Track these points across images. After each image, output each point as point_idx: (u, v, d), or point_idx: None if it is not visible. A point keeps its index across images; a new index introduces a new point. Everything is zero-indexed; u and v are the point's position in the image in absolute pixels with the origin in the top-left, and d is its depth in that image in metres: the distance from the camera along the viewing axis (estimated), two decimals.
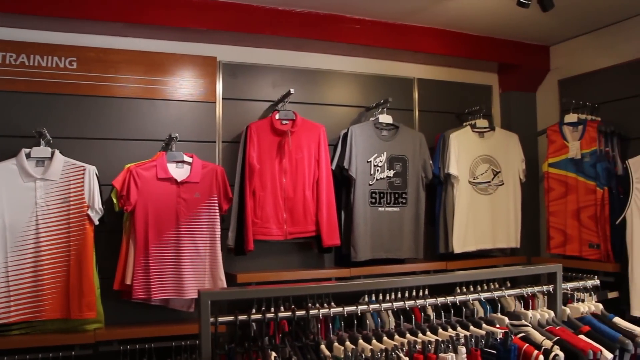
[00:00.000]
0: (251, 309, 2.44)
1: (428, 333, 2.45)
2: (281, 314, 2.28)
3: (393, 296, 3.07)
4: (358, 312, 2.36)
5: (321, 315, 2.31)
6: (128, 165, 3.30)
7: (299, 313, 2.29)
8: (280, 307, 2.73)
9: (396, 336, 2.40)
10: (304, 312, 2.29)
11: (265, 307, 2.69)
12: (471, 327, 2.51)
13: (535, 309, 2.79)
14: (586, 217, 3.98)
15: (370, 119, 4.05)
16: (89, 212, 3.10)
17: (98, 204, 3.13)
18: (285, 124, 3.72)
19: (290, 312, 2.29)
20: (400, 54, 4.33)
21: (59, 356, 2.95)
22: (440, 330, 2.47)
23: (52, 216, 3.06)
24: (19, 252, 2.98)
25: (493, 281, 3.31)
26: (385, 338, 2.36)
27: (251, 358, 2.26)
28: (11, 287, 2.93)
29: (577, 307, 2.88)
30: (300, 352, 2.29)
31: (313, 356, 2.28)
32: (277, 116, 3.71)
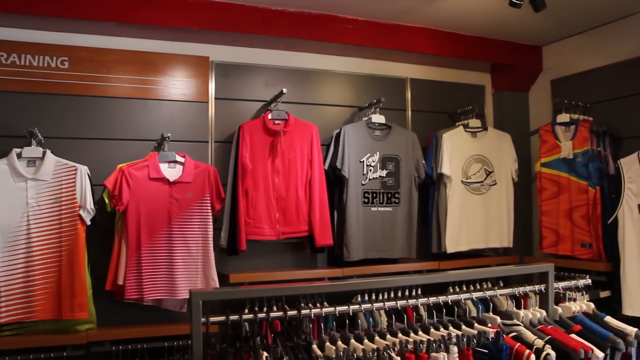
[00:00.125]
0: (243, 309, 2.43)
1: (420, 332, 2.45)
2: (273, 314, 2.28)
3: (386, 296, 3.07)
4: (350, 312, 2.36)
5: (313, 315, 2.31)
6: (120, 165, 3.29)
7: (291, 313, 2.29)
8: (273, 307, 2.72)
9: (388, 336, 2.40)
10: (296, 312, 2.29)
11: (258, 307, 2.69)
12: (463, 327, 2.51)
13: (527, 309, 2.80)
14: (578, 217, 4.00)
15: (363, 119, 4.05)
16: (81, 212, 3.09)
17: (90, 204, 3.12)
18: (277, 124, 3.71)
19: (282, 312, 2.29)
20: (393, 54, 4.34)
21: (51, 357, 2.93)
22: (432, 329, 2.47)
23: (44, 216, 3.04)
24: (10, 253, 2.96)
25: (486, 281, 3.31)
26: (377, 338, 2.36)
27: (243, 358, 2.25)
28: (2, 288, 2.92)
29: (569, 307, 2.89)
30: (292, 352, 2.29)
31: (305, 356, 2.28)
32: (270, 116, 3.71)
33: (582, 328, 2.62)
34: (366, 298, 3.10)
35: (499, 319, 2.63)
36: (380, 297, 3.09)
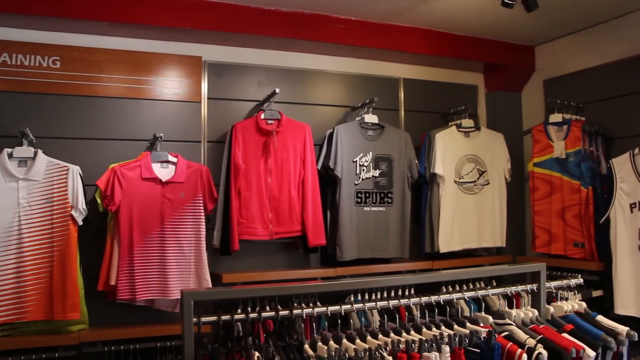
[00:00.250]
0: (235, 309, 2.43)
1: (412, 332, 2.45)
2: (265, 314, 2.28)
3: (379, 296, 3.06)
4: (342, 312, 2.36)
5: (305, 315, 2.31)
6: (112, 165, 3.28)
7: (283, 313, 2.29)
8: (265, 307, 2.72)
9: (380, 335, 2.40)
10: (288, 312, 2.29)
11: (250, 307, 2.68)
12: (455, 326, 2.52)
13: (519, 308, 2.81)
14: (571, 216, 4.01)
15: (355, 119, 4.05)
16: (73, 213, 3.08)
17: (82, 204, 3.11)
18: (270, 124, 3.71)
19: (274, 312, 2.28)
20: (386, 54, 4.34)
21: (42, 358, 2.91)
22: (424, 329, 2.48)
23: (35, 216, 3.03)
24: (1, 253, 2.94)
25: (478, 280, 3.31)
26: (369, 337, 2.37)
27: (234, 358, 2.25)
28: None
29: (561, 306, 2.90)
30: (283, 352, 2.29)
31: (296, 356, 2.28)
32: (263, 116, 3.71)
33: (574, 327, 2.63)
34: (359, 298, 3.10)
35: (491, 319, 2.64)
36: (373, 297, 3.09)
